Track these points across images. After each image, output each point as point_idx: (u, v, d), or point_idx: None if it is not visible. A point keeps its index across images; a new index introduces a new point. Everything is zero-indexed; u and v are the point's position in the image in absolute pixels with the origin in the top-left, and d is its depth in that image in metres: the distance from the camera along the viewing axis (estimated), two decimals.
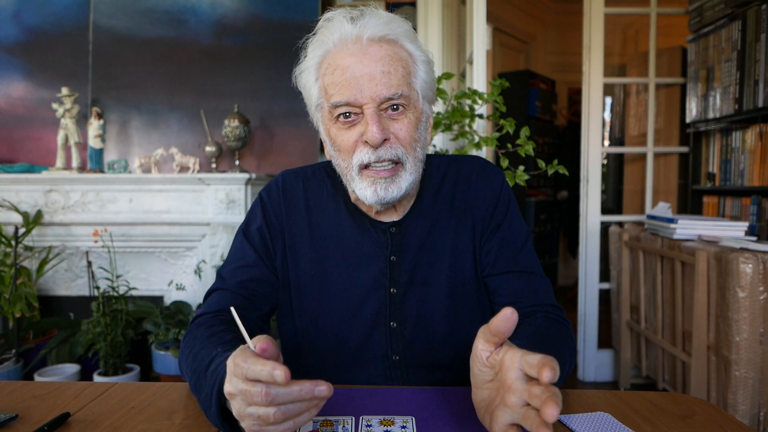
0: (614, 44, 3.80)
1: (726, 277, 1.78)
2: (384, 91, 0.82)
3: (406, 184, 0.86)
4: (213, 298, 0.93)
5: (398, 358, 0.93)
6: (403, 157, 0.85)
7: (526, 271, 0.93)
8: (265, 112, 2.91)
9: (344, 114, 0.84)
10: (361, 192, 0.86)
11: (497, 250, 0.94)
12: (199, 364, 0.73)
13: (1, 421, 0.71)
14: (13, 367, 2.38)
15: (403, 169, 0.86)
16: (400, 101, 0.84)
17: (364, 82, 0.82)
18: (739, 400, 1.77)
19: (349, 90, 0.82)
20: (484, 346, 0.62)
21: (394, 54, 0.84)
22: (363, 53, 0.82)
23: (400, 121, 0.85)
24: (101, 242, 2.64)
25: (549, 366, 0.53)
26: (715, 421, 0.73)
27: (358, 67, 0.82)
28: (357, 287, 0.93)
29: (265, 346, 0.58)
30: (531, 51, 4.88)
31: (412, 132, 0.86)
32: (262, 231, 0.96)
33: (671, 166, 2.91)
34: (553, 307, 0.92)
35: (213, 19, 2.90)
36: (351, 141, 0.85)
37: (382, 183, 0.85)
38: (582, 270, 2.84)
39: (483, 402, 0.64)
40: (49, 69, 2.88)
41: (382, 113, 0.84)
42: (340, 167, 0.89)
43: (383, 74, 0.82)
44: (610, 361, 2.86)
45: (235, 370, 0.57)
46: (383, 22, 0.84)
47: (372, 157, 0.84)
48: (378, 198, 0.85)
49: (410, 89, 0.85)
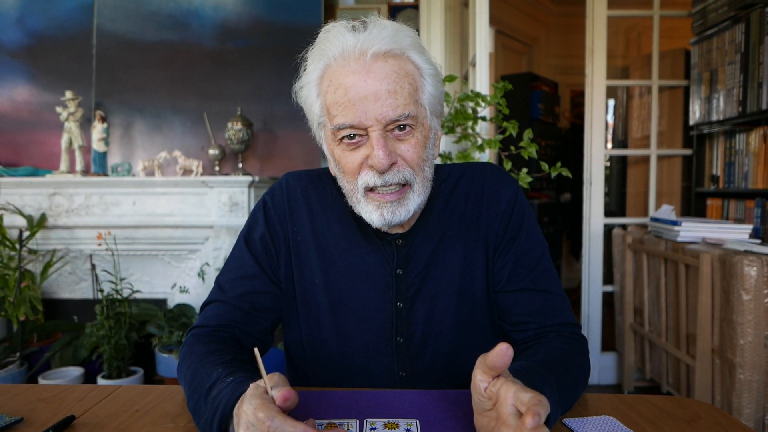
0: (617, 47, 3.81)
1: (730, 279, 1.77)
2: (390, 113, 0.77)
3: (414, 206, 0.83)
4: (212, 310, 0.90)
5: (404, 374, 0.91)
6: (410, 179, 0.81)
7: (541, 289, 0.89)
8: (268, 115, 2.92)
9: (348, 136, 0.80)
10: (367, 215, 0.84)
11: (512, 267, 0.90)
12: (199, 384, 0.72)
13: (7, 424, 0.71)
14: (17, 370, 2.38)
15: (410, 190, 0.82)
16: (408, 121, 0.79)
17: (368, 103, 0.77)
18: (744, 403, 1.76)
19: (353, 112, 0.78)
20: (482, 377, 0.62)
21: (400, 69, 0.79)
22: (367, 71, 0.78)
23: (407, 142, 0.81)
24: (105, 245, 2.65)
25: (532, 412, 0.54)
26: (721, 425, 0.73)
27: (362, 87, 0.77)
28: (362, 300, 0.91)
29: (287, 396, 0.57)
30: (533, 53, 4.88)
31: (420, 152, 0.82)
32: (264, 239, 0.92)
33: (675, 168, 2.90)
34: (569, 325, 0.88)
35: (216, 22, 2.91)
36: (356, 164, 0.81)
37: (389, 207, 0.82)
38: (585, 273, 2.83)
39: (483, 428, 0.64)
40: (52, 73, 2.89)
41: (388, 134, 0.80)
42: (345, 188, 0.86)
43: (389, 94, 0.77)
44: (613, 364, 2.85)
45: (257, 423, 0.56)
46: (388, 34, 0.79)
47: (378, 181, 0.80)
48: (385, 221, 0.82)
49: (417, 107, 0.81)
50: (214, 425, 0.64)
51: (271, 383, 0.60)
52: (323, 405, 0.77)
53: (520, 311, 0.89)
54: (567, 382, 0.74)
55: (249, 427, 0.57)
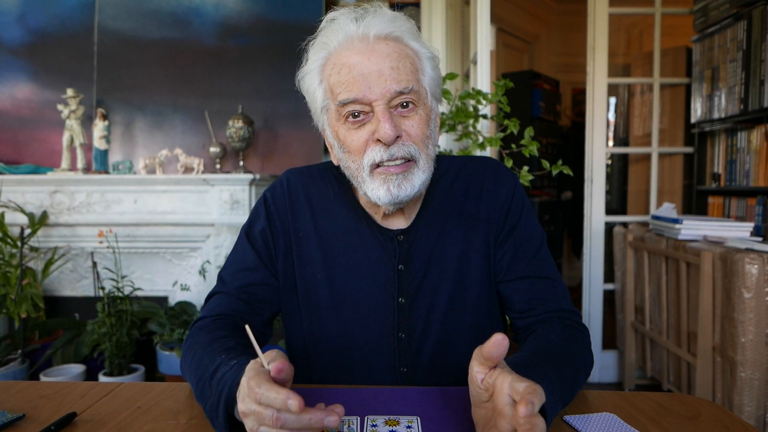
0: (618, 44, 3.80)
1: (731, 277, 1.77)
2: (394, 86, 0.79)
3: (419, 182, 0.83)
4: (214, 301, 0.92)
5: (406, 370, 0.91)
6: (416, 154, 0.82)
7: (541, 276, 0.91)
8: (269, 112, 2.92)
9: (353, 114, 0.81)
10: (373, 192, 0.83)
11: (511, 256, 0.92)
12: (203, 371, 0.73)
13: (9, 420, 0.72)
14: (18, 367, 2.39)
15: (416, 166, 0.83)
16: (410, 97, 0.81)
17: (372, 78, 0.79)
18: (745, 401, 1.76)
19: (358, 87, 0.79)
20: (478, 368, 0.62)
21: (400, 51, 0.82)
22: (370, 50, 0.80)
23: (411, 118, 0.82)
24: (106, 243, 2.65)
25: (526, 401, 0.54)
26: (722, 422, 0.73)
27: (366, 64, 0.79)
28: (364, 296, 0.91)
29: (281, 367, 0.58)
30: (535, 51, 4.87)
31: (424, 129, 0.83)
32: (264, 233, 0.94)
33: (676, 166, 2.90)
34: (570, 313, 0.90)
35: (217, 20, 2.91)
36: (361, 141, 0.82)
37: (395, 180, 0.81)
38: (586, 271, 2.83)
39: (481, 420, 0.64)
40: (54, 70, 2.89)
41: (393, 110, 0.81)
42: (350, 169, 0.86)
43: (392, 70, 0.80)
44: (614, 362, 2.85)
45: (249, 392, 0.58)
46: (388, 19, 0.82)
47: (384, 155, 0.80)
48: (392, 197, 0.82)
49: (419, 85, 0.83)
50: (220, 407, 0.65)
51: (268, 359, 0.61)
52: (324, 402, 0.77)
53: (522, 298, 0.91)
54: (567, 374, 0.75)
55: (244, 399, 0.59)
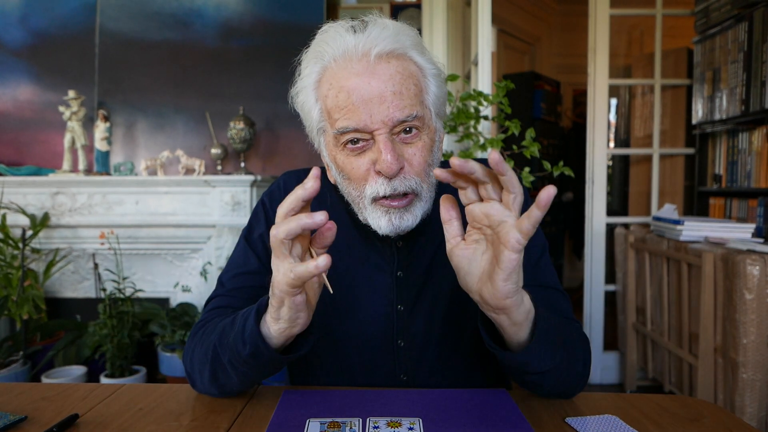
0: (619, 45, 3.80)
1: (733, 279, 1.77)
2: (397, 114, 0.75)
3: (421, 213, 0.81)
4: (213, 304, 0.91)
5: (406, 378, 0.90)
6: (417, 188, 0.79)
7: (541, 285, 0.88)
8: (270, 114, 2.92)
9: (352, 141, 0.77)
10: (374, 222, 0.81)
11: None
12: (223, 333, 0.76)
13: (11, 422, 0.72)
14: (20, 369, 2.39)
15: (417, 199, 0.80)
16: (414, 123, 0.77)
17: (374, 105, 0.74)
18: (747, 402, 1.75)
19: (357, 115, 0.75)
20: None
21: (404, 70, 0.76)
22: (371, 73, 0.74)
23: (414, 145, 0.78)
24: (107, 244, 2.66)
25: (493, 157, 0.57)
26: (724, 424, 0.73)
27: (366, 89, 0.74)
28: (363, 302, 0.90)
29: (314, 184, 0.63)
30: (536, 53, 4.87)
31: (427, 157, 0.79)
32: (264, 238, 0.92)
33: (677, 167, 2.89)
34: (571, 320, 0.88)
35: (218, 22, 2.91)
36: (362, 169, 0.78)
37: (397, 213, 0.79)
38: (587, 272, 2.83)
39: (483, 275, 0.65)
40: (55, 72, 2.90)
41: (395, 137, 0.77)
42: (351, 195, 0.83)
43: (394, 95, 0.74)
44: (615, 364, 2.85)
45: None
46: (391, 34, 0.76)
47: (387, 189, 0.77)
48: (393, 227, 0.80)
49: (423, 108, 0.79)
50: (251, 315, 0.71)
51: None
52: (326, 404, 0.77)
53: None
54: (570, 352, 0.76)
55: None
